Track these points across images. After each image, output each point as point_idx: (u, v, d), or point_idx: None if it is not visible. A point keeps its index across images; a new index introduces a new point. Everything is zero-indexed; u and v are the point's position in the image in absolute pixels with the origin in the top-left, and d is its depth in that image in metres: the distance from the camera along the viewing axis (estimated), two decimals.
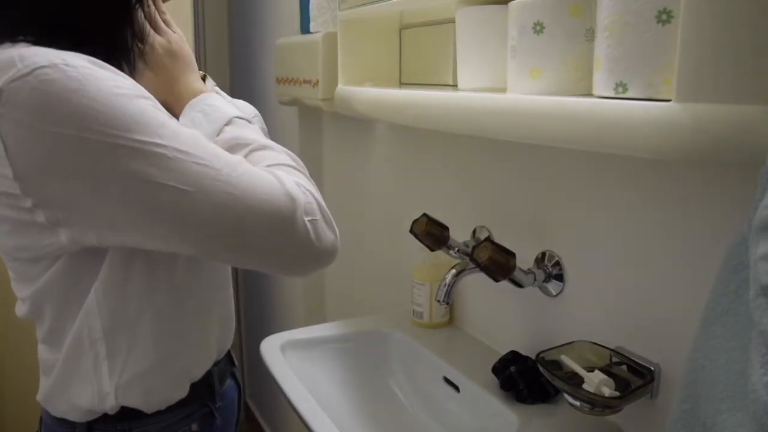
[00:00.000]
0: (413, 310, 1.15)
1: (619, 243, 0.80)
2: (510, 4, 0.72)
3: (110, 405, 0.72)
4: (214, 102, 0.75)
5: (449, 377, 1.00)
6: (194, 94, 0.77)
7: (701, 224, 0.70)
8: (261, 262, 0.65)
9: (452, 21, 0.89)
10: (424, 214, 0.99)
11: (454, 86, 0.95)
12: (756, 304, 0.39)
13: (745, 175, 0.62)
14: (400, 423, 1.03)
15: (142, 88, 0.62)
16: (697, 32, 0.50)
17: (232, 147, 0.68)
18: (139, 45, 0.73)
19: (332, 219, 0.67)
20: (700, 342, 0.48)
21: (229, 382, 0.88)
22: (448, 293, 0.90)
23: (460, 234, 1.07)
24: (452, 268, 0.90)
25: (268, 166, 0.66)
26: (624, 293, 0.80)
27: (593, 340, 0.82)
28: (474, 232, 1.07)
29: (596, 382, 0.73)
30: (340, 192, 1.62)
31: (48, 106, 0.55)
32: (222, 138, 0.70)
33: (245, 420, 2.49)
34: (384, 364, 1.12)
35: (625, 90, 0.59)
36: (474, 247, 0.86)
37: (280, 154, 0.70)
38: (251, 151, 0.68)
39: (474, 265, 0.86)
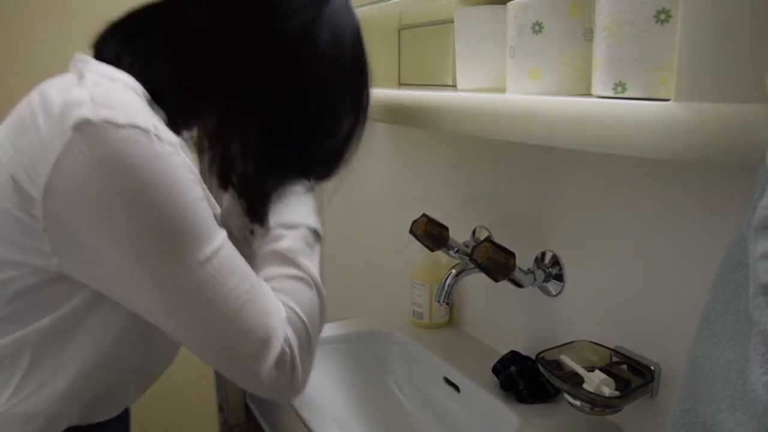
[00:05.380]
0: (413, 310, 1.15)
1: (618, 242, 0.80)
2: (509, 4, 0.72)
3: None
4: (308, 200, 0.76)
5: (449, 377, 1.00)
6: None
7: (701, 223, 0.70)
8: (222, 371, 0.66)
9: (451, 21, 0.89)
10: (424, 215, 0.99)
11: (454, 86, 0.95)
12: (755, 303, 0.39)
13: (744, 175, 0.62)
14: (400, 423, 1.03)
15: (199, 182, 0.62)
16: (695, 32, 0.50)
17: (282, 257, 0.68)
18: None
19: (299, 368, 0.65)
20: (699, 341, 0.48)
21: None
22: (448, 293, 0.90)
23: (459, 234, 1.07)
24: (452, 268, 0.90)
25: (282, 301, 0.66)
26: (624, 293, 0.80)
27: (593, 340, 0.83)
28: (474, 232, 1.07)
29: (596, 381, 0.73)
30: (339, 192, 1.61)
31: (122, 163, 0.55)
32: (283, 243, 0.69)
33: (245, 420, 2.49)
34: (384, 364, 1.12)
35: (624, 89, 0.59)
36: (474, 248, 0.86)
37: (304, 292, 0.69)
38: (289, 277, 0.68)
39: (474, 266, 0.86)
